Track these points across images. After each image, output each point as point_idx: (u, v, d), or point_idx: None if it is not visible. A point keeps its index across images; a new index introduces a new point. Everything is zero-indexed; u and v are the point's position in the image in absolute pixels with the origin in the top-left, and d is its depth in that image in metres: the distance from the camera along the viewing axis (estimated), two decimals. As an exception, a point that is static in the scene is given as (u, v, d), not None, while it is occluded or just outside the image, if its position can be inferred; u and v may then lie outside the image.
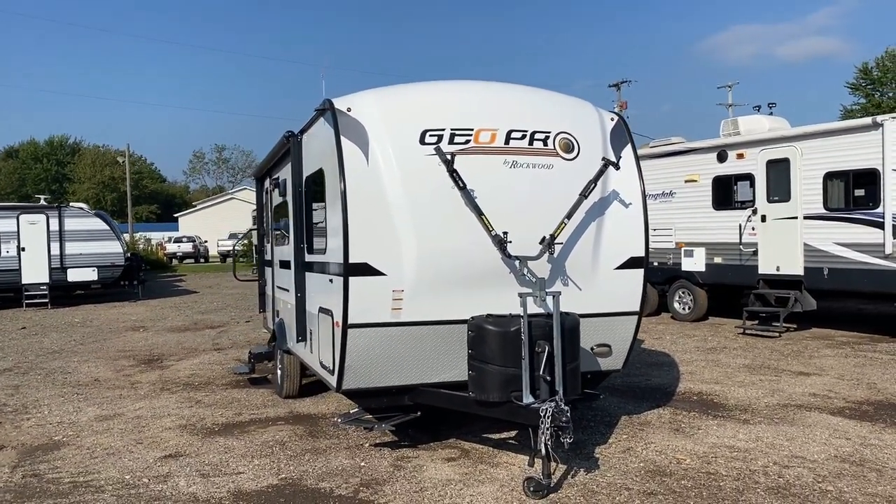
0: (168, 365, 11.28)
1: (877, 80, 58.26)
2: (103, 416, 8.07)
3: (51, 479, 6.05)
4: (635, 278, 6.23)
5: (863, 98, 58.76)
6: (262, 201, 10.35)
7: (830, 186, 11.68)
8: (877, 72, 58.04)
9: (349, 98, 5.87)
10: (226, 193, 67.60)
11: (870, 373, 9.27)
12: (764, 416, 7.34)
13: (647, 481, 5.56)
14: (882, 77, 57.92)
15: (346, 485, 5.69)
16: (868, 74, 58.25)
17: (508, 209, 5.68)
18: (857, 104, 58.21)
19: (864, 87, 58.96)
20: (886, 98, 56.87)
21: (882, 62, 58.23)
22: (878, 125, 10.86)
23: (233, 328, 15.53)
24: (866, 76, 58.46)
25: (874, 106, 55.49)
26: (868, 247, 11.05)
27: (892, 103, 54.16)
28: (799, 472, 5.68)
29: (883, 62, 58.18)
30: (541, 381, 5.25)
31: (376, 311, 5.62)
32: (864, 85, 58.94)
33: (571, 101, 6.34)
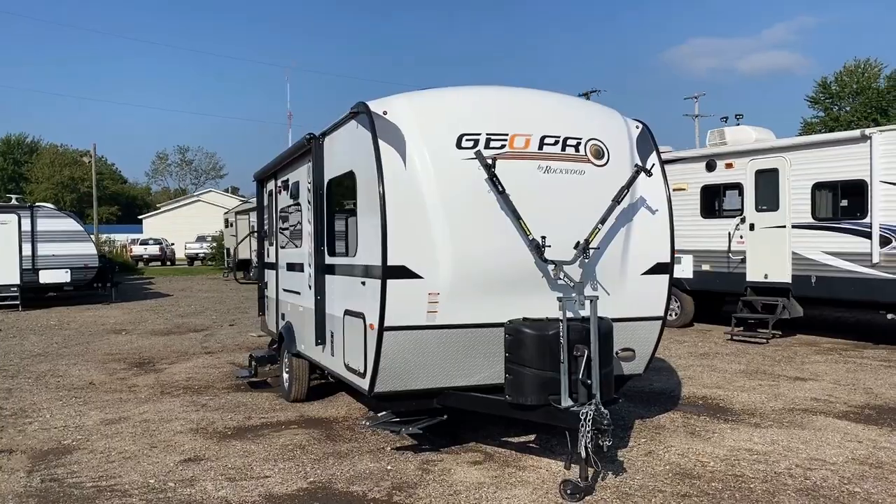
0: (161, 368, 11.11)
1: (835, 94, 59.80)
2: (109, 420, 7.93)
3: (72, 483, 5.93)
4: (661, 284, 6.34)
5: (822, 112, 60.29)
6: (264, 204, 10.26)
7: (818, 196, 11.98)
8: (835, 86, 59.56)
9: (384, 101, 5.88)
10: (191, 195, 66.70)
11: (863, 378, 9.52)
12: (773, 419, 7.50)
13: (678, 483, 5.65)
14: (840, 91, 59.46)
15: (378, 488, 5.68)
16: (827, 89, 59.76)
17: (542, 214, 5.74)
18: (816, 117, 59.72)
19: (823, 100, 60.48)
20: (844, 112, 58.39)
21: (840, 77, 59.77)
22: (866, 138, 11.17)
23: (217, 332, 15.34)
24: (825, 90, 59.98)
25: (833, 119, 57.00)
26: (855, 256, 11.35)
27: (849, 117, 55.62)
28: (823, 474, 5.82)
29: (841, 77, 59.73)
30: (579, 385, 5.30)
31: (412, 313, 5.63)
32: (824, 99, 60.47)
33: (599, 108, 6.43)
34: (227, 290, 26.94)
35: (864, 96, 57.36)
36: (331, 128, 6.91)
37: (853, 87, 58.74)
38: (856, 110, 56.76)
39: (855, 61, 58.97)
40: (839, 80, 59.86)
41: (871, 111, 55.31)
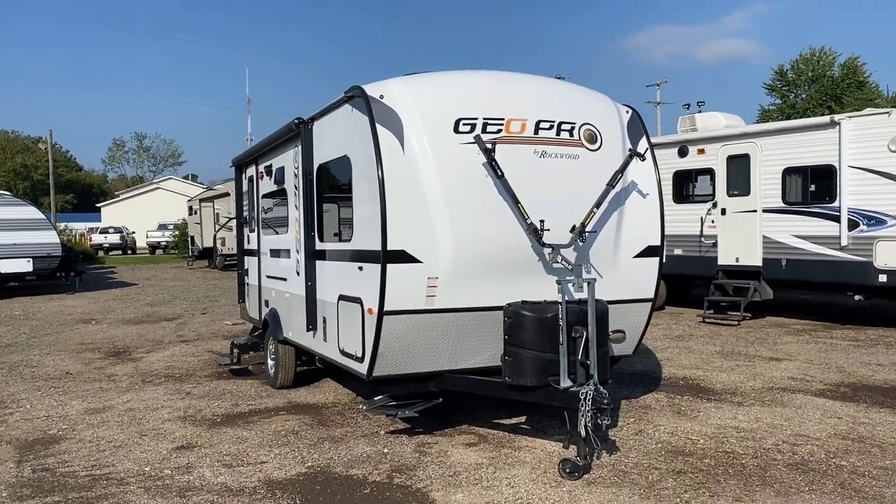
0: (138, 357, 10.97)
1: (791, 82, 60.85)
2: (93, 410, 7.82)
3: (65, 472, 5.86)
4: (651, 266, 6.46)
5: (779, 99, 61.37)
6: (243, 190, 10.16)
7: (789, 181, 12.26)
8: (791, 74, 60.60)
9: (379, 85, 5.87)
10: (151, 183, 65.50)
11: (835, 357, 9.81)
12: (754, 398, 7.70)
13: (672, 461, 5.79)
14: (796, 79, 60.53)
15: (377, 471, 5.72)
16: (784, 77, 60.80)
17: (538, 198, 5.79)
18: (773, 104, 60.78)
19: (780, 88, 61.52)
20: (800, 99, 59.52)
21: (797, 65, 60.83)
22: (835, 124, 11.46)
23: (190, 320, 15.17)
24: (782, 78, 61.01)
25: (789, 107, 58.07)
26: (824, 239, 11.66)
27: (805, 104, 56.76)
28: (809, 449, 6.00)
29: (797, 65, 60.79)
30: (577, 366, 5.39)
31: (411, 298, 5.65)
32: (780, 86, 61.50)
33: (591, 93, 6.50)
34: (194, 279, 26.60)
35: (819, 84, 58.45)
36: (320, 112, 6.87)
37: (809, 75, 59.78)
38: (811, 98, 57.85)
39: (810, 50, 60.04)
40: (795, 69, 60.89)
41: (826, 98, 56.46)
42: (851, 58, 55.52)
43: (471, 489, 5.29)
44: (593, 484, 5.33)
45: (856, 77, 57.73)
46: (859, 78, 57.62)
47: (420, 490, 5.32)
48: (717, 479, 5.38)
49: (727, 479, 5.36)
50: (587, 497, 5.08)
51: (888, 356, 9.82)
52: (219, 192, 31.79)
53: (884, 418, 6.87)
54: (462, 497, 5.16)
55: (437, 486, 5.38)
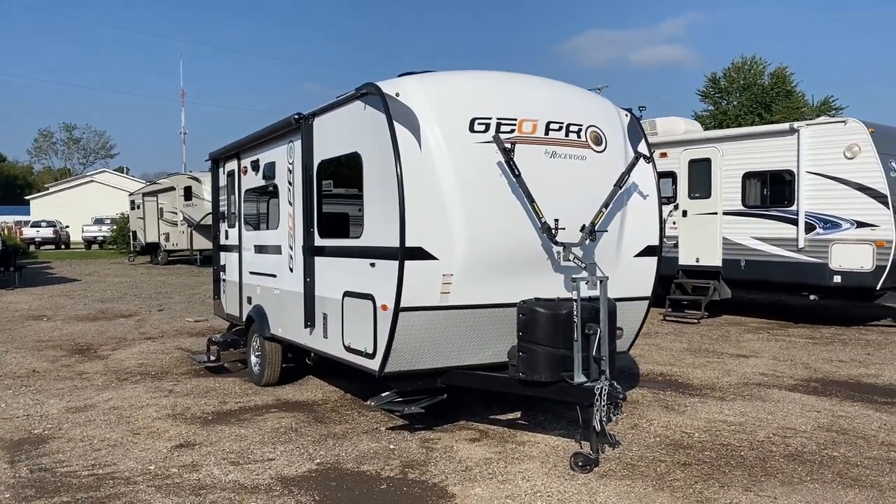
0: (105, 355, 10.68)
1: (724, 89, 62.77)
2: (75, 408, 7.61)
3: (65, 472, 5.70)
4: (650, 265, 6.66)
5: (712, 105, 63.25)
6: (221, 184, 10.00)
7: (748, 185, 12.74)
8: (724, 82, 62.51)
9: (394, 83, 5.90)
10: (84, 175, 63.21)
11: (797, 354, 10.25)
12: (733, 393, 8.00)
13: (674, 454, 5.99)
14: (728, 87, 62.48)
15: (389, 467, 5.75)
16: (716, 84, 62.66)
17: (549, 197, 5.90)
18: (706, 111, 62.62)
19: (713, 95, 63.40)
20: (732, 106, 61.46)
21: (729, 73, 62.78)
22: (794, 131, 11.96)
23: (148, 317, 14.81)
24: (715, 85, 62.88)
25: (721, 113, 59.88)
26: (782, 241, 12.15)
27: (736, 111, 58.64)
28: (800, 441, 6.29)
29: (729, 73, 62.73)
30: (591, 361, 5.53)
31: (426, 294, 5.70)
32: (713, 93, 63.40)
33: (594, 96, 6.66)
34: (139, 276, 25.92)
35: (749, 92, 60.39)
36: (323, 108, 6.85)
37: (740, 82, 61.70)
38: (742, 105, 59.72)
39: (742, 58, 62.01)
40: (727, 76, 62.76)
41: (757, 106, 58.41)
42: (780, 67, 57.56)
43: (487, 483, 5.37)
44: (606, 477, 5.48)
45: (784, 86, 59.77)
46: (787, 87, 59.68)
47: (437, 485, 5.38)
48: (722, 470, 5.60)
49: (732, 471, 5.58)
50: (604, 489, 5.22)
51: (846, 353, 10.31)
52: (163, 185, 31.07)
53: (859, 412, 7.24)
54: (481, 491, 5.24)
55: (452, 480, 5.45)
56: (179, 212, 29.11)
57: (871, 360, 9.78)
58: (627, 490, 5.21)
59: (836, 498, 5.04)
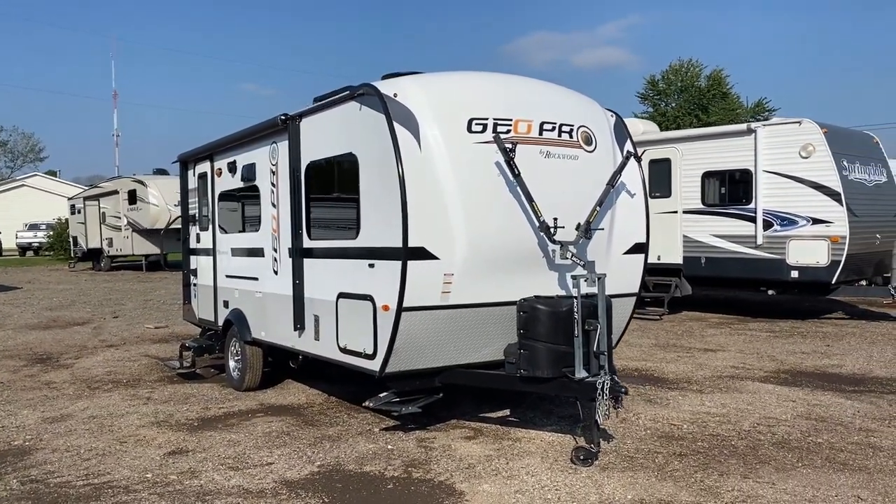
0: (68, 364, 10.37)
1: (662, 91, 64.20)
2: (51, 419, 7.38)
3: (59, 483, 5.54)
4: (638, 263, 6.81)
5: (651, 107, 64.63)
6: (191, 187, 9.82)
7: (708, 184, 13.11)
8: (662, 84, 63.95)
9: (391, 83, 5.91)
10: (15, 179, 60.74)
11: (761, 347, 10.60)
12: (710, 386, 8.24)
13: (668, 445, 6.14)
14: (667, 89, 63.95)
15: (391, 467, 5.75)
16: (655, 86, 64.01)
17: (545, 196, 5.97)
18: (645, 112, 63.91)
19: (651, 97, 64.80)
20: (670, 108, 62.93)
21: (667, 75, 64.24)
22: (751, 131, 12.37)
23: (105, 325, 14.40)
24: (653, 87, 64.26)
25: (660, 115, 61.15)
26: (741, 238, 12.55)
27: (675, 113, 60.04)
28: (785, 429, 6.53)
29: (667, 76, 64.21)
30: (591, 357, 5.63)
31: (428, 294, 5.73)
32: (652, 95, 64.79)
33: (582, 97, 6.77)
34: (83, 282, 25.16)
35: (687, 94, 61.87)
36: (311, 109, 6.81)
37: (678, 84, 63.16)
38: (680, 107, 61.12)
39: (679, 61, 63.51)
40: (665, 79, 64.15)
41: (694, 108, 59.89)
42: (716, 70, 59.04)
43: (493, 480, 5.43)
44: (608, 469, 5.59)
45: (720, 88, 61.27)
46: (723, 89, 61.19)
47: (443, 483, 5.41)
48: (717, 459, 5.77)
49: (727, 459, 5.76)
50: (609, 481, 5.33)
51: (807, 345, 10.70)
52: (106, 189, 30.23)
53: (832, 400, 7.54)
54: (489, 487, 5.29)
55: (458, 478, 5.49)
56: (124, 216, 28.37)
57: (832, 352, 10.18)
58: (631, 481, 5.33)
59: (830, 482, 5.26)
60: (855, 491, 5.08)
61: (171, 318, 15.02)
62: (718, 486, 5.20)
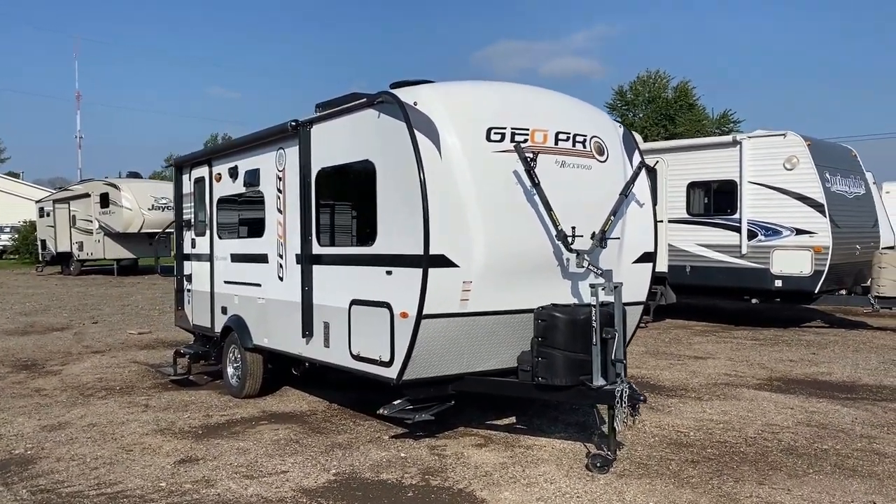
0: (55, 370, 10.17)
1: (630, 101, 64.99)
2: (49, 426, 7.24)
3: (71, 493, 5.44)
4: (646, 271, 6.90)
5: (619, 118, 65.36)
6: (186, 192, 9.70)
7: (693, 194, 13.31)
8: (630, 94, 64.76)
9: (410, 92, 5.92)
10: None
11: (749, 355, 10.78)
12: (707, 394, 8.36)
13: (679, 452, 6.23)
14: (634, 99, 64.77)
15: (408, 475, 5.75)
16: (623, 96, 64.83)
17: (561, 205, 6.03)
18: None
19: (619, 107, 65.56)
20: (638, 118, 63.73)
21: (635, 86, 65.08)
22: (737, 143, 12.61)
23: (85, 330, 14.15)
24: (621, 98, 65.05)
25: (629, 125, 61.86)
26: (726, 247, 12.77)
27: (642, 123, 60.81)
28: (789, 436, 6.65)
29: (635, 86, 65.05)
30: (609, 365, 5.70)
31: (447, 301, 5.74)
32: (620, 105, 65.56)
33: (593, 108, 6.85)
34: (54, 287, 24.67)
35: (654, 105, 62.72)
36: (323, 116, 6.80)
37: (646, 95, 64.01)
38: (648, 117, 61.91)
39: (647, 72, 64.35)
40: (633, 89, 64.97)
41: (661, 119, 60.76)
42: (683, 81, 59.92)
43: (513, 487, 5.45)
44: (624, 476, 5.65)
45: (686, 99, 62.15)
46: (689, 100, 62.07)
47: (463, 490, 5.41)
48: (730, 466, 5.87)
49: (739, 466, 5.86)
50: (628, 489, 5.39)
51: (793, 353, 10.92)
52: (76, 192, 29.70)
53: (828, 407, 7.70)
54: (510, 495, 5.31)
55: (477, 486, 5.50)
56: (95, 220, 27.90)
57: (819, 359, 10.40)
58: (650, 488, 5.39)
59: (843, 488, 5.37)
60: (869, 496, 5.20)
61: (153, 324, 14.82)
62: (736, 493, 5.28)
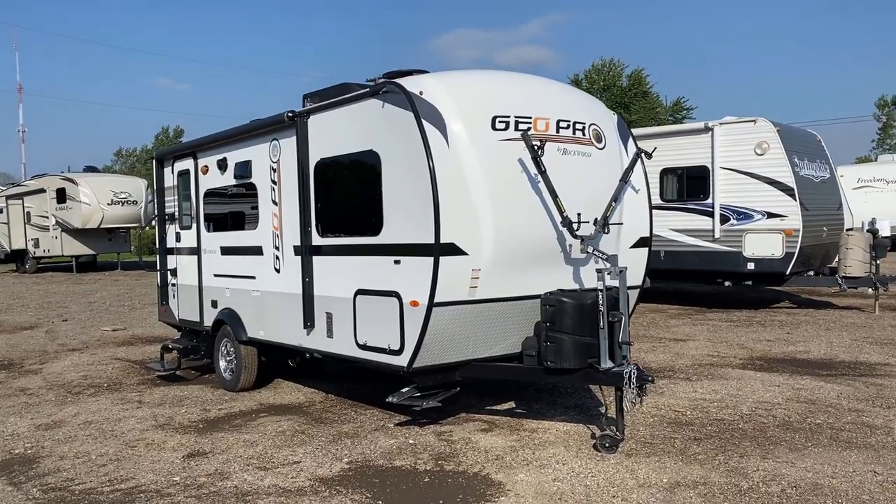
0: (34, 369, 9.98)
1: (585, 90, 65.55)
2: (44, 425, 7.13)
3: (84, 490, 5.39)
4: (642, 256, 7.05)
5: (575, 106, 65.88)
6: (168, 185, 9.58)
7: (666, 180, 13.58)
8: (585, 83, 65.33)
9: (415, 81, 5.95)
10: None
11: (727, 336, 11.08)
12: (695, 374, 8.59)
13: (680, 430, 6.40)
14: (590, 88, 65.34)
15: (421, 461, 5.81)
16: (578, 85, 65.37)
17: (563, 192, 6.12)
18: (569, 111, 65.15)
19: (575, 95, 66.13)
20: (594, 106, 64.31)
21: (589, 75, 65.72)
22: (708, 129, 12.90)
23: (56, 329, 13.86)
24: (577, 86, 65.63)
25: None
26: (699, 232, 13.07)
27: (598, 112, 61.52)
28: (783, 412, 6.89)
29: (590, 75, 65.70)
30: (616, 348, 5.83)
31: (456, 289, 5.81)
32: (576, 93, 66.11)
33: (590, 96, 6.98)
34: (11, 285, 24.08)
35: (609, 93, 63.35)
36: (321, 106, 6.78)
37: (601, 83, 64.65)
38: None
39: (602, 60, 65.00)
40: (588, 78, 65.55)
41: (616, 106, 61.35)
42: (637, 70, 60.69)
43: (527, 469, 5.56)
44: (633, 455, 5.80)
45: (641, 87, 62.96)
46: (644, 88, 62.89)
47: (478, 474, 5.50)
48: (732, 442, 6.06)
49: (741, 441, 6.06)
50: (639, 467, 5.53)
51: (768, 333, 11.25)
52: (30, 188, 28.95)
53: (812, 384, 7.97)
54: (525, 476, 5.41)
55: (491, 469, 5.59)
56: (52, 216, 27.25)
57: (794, 339, 10.74)
58: (660, 466, 5.54)
59: (843, 459, 5.60)
60: (869, 466, 5.42)
61: (125, 321, 14.59)
62: (743, 467, 5.46)
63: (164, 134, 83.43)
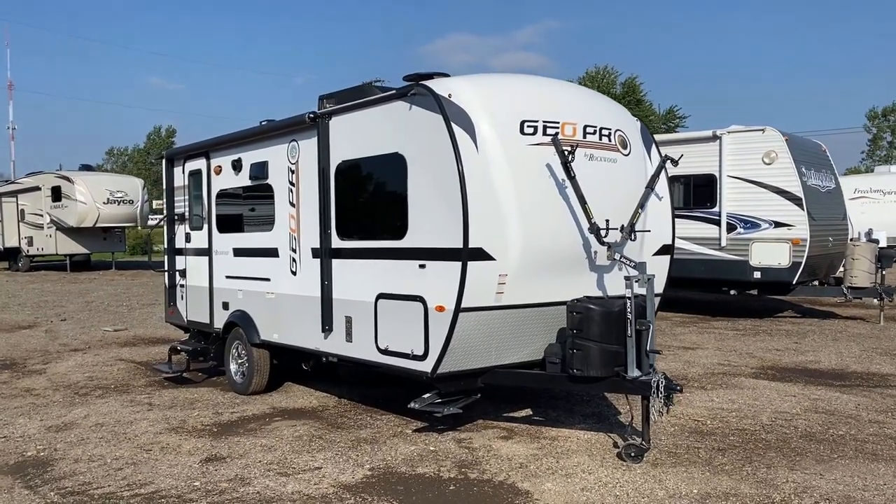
0: (38, 369, 9.83)
1: (580, 97, 65.67)
2: (55, 427, 7.01)
3: (103, 494, 5.29)
4: (665, 263, 7.02)
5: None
6: (178, 185, 9.46)
7: (673, 188, 13.50)
8: (580, 90, 65.42)
9: (444, 84, 5.88)
10: None
11: (736, 345, 11.05)
12: (709, 383, 8.55)
13: (703, 440, 6.35)
14: (584, 95, 65.55)
15: (444, 468, 5.73)
16: (573, 92, 65.62)
17: (591, 198, 6.08)
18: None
19: (569, 102, 66.28)
20: (587, 113, 64.45)
21: (583, 82, 65.81)
22: (716, 137, 12.88)
23: (56, 328, 13.70)
24: (574, 92, 65.74)
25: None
26: (706, 240, 13.05)
27: (591, 118, 61.67)
28: (803, 423, 6.85)
29: (584, 82, 65.77)
30: (644, 356, 5.77)
31: (483, 295, 5.74)
32: (570, 100, 66.27)
33: (614, 102, 6.93)
34: (6, 283, 23.85)
35: (603, 100, 63.53)
36: (344, 108, 6.71)
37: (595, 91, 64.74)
38: (598, 112, 62.64)
39: (595, 68, 65.12)
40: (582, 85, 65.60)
41: (610, 114, 61.67)
42: (630, 77, 60.80)
43: (553, 478, 5.48)
44: (658, 465, 5.74)
45: (634, 95, 63.00)
46: (637, 96, 62.95)
47: (504, 483, 5.43)
48: (756, 452, 6.01)
49: (766, 452, 6.01)
50: (666, 477, 5.47)
51: (776, 342, 11.23)
52: (25, 185, 28.70)
53: (829, 394, 7.94)
54: (552, 486, 5.34)
55: (516, 477, 5.52)
56: (46, 214, 27.02)
57: (803, 349, 10.72)
58: (688, 476, 5.49)
59: (871, 471, 5.56)
60: (898, 479, 5.39)
61: (126, 321, 14.45)
62: (772, 479, 5.41)
63: (157, 133, 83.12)
